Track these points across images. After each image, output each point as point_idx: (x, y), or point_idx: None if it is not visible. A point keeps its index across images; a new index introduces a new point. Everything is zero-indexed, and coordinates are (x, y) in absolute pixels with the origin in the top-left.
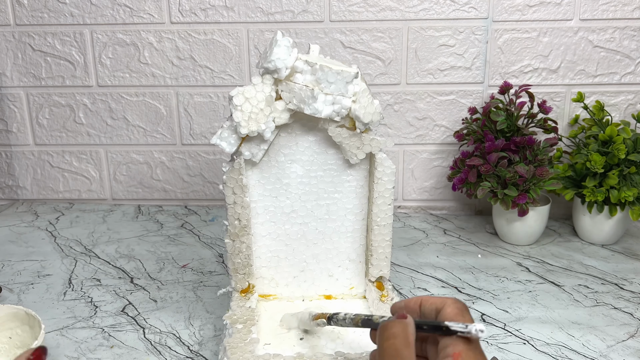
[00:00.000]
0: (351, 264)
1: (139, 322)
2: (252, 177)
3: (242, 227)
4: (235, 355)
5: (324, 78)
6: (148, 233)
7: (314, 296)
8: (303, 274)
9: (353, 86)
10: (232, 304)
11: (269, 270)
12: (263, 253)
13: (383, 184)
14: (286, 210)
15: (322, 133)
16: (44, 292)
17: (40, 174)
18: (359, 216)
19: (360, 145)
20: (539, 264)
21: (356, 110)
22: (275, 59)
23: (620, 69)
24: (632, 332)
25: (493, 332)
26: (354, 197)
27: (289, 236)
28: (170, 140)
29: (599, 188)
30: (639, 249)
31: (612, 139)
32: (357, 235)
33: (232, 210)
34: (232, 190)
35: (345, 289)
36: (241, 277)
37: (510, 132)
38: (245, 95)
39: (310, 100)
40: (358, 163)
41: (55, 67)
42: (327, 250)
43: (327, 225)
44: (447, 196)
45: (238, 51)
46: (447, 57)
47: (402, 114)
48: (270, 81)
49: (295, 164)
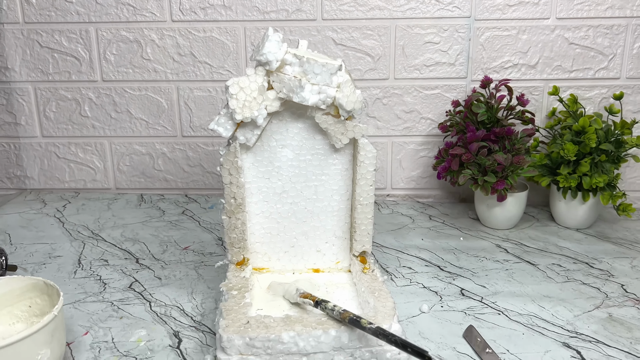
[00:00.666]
0: (337, 240)
1: (145, 296)
2: (247, 160)
3: (237, 205)
4: (230, 316)
5: (311, 70)
6: (151, 219)
7: (303, 269)
8: (293, 249)
9: (337, 77)
10: (229, 274)
11: (262, 246)
12: (257, 230)
13: (365, 167)
14: (278, 190)
15: (310, 120)
16: (55, 271)
17: (47, 165)
18: (344, 196)
19: (344, 131)
20: (517, 245)
21: (339, 99)
22: (267, 53)
23: (594, 64)
24: (597, 304)
25: (470, 305)
26: (339, 179)
27: (281, 214)
28: (171, 132)
29: (572, 175)
30: (610, 232)
31: (585, 129)
32: (342, 214)
33: (228, 190)
34: (229, 172)
35: (332, 263)
36: (237, 251)
37: (491, 123)
38: (240, 85)
39: (298, 90)
40: (343, 148)
41: (62, 62)
42: (315, 227)
43: (315, 205)
44: (433, 185)
45: (235, 48)
46: (432, 53)
47: (391, 107)
48: (263, 72)
49: (286, 149)
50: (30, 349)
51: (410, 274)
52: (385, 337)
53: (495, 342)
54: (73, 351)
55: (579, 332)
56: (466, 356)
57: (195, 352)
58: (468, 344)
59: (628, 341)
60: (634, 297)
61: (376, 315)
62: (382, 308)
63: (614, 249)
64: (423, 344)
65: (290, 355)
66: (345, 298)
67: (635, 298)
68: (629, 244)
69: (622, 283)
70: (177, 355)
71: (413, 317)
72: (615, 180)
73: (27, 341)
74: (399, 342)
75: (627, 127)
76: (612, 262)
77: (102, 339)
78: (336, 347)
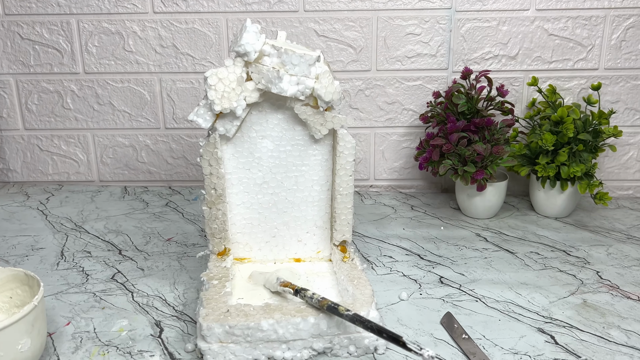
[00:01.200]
0: (318, 230)
1: (128, 287)
2: (227, 151)
3: (218, 195)
4: (210, 305)
5: (289, 60)
6: (134, 211)
7: (285, 259)
8: (274, 239)
9: (315, 68)
10: (209, 264)
11: (244, 236)
12: (238, 220)
13: (344, 157)
14: (258, 181)
15: (289, 111)
16: (38, 263)
17: (30, 157)
18: (325, 187)
19: (323, 122)
20: (496, 234)
21: (318, 89)
22: (245, 44)
23: (573, 55)
24: (573, 290)
25: (449, 292)
26: (319, 170)
27: (262, 205)
28: (154, 125)
29: (550, 164)
30: (588, 221)
31: (563, 119)
32: (322, 204)
33: (208, 181)
34: (209, 162)
35: (313, 253)
36: (217, 241)
37: (471, 114)
38: (219, 76)
39: (277, 81)
40: (322, 138)
41: (43, 55)
42: (296, 217)
43: (296, 195)
44: (415, 175)
45: (218, 39)
46: (414, 45)
47: (373, 98)
48: (241, 63)
49: (266, 140)
50: (11, 339)
51: (390, 262)
52: (361, 323)
53: (472, 328)
54: (55, 341)
55: (554, 318)
56: (443, 342)
57: (177, 340)
58: (445, 330)
59: (601, 326)
60: (609, 284)
61: (354, 303)
62: (360, 295)
63: (591, 237)
64: (401, 331)
65: (269, 342)
66: (325, 286)
67: (609, 284)
68: (605, 232)
69: (598, 270)
70: (158, 344)
71: (392, 304)
72: (593, 170)
73: (7, 331)
74: (375, 328)
75: (604, 117)
76: (588, 250)
77: (84, 329)
78: (315, 334)
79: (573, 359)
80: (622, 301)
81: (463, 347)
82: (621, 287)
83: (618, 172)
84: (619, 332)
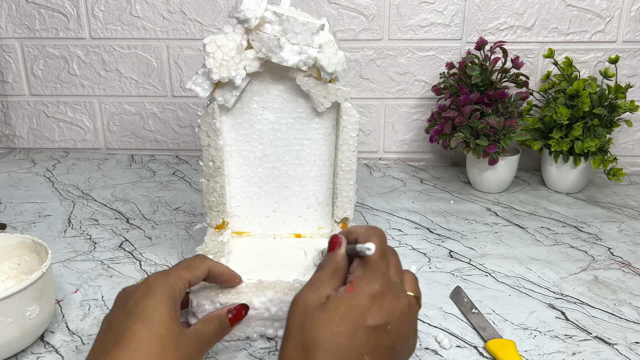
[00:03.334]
0: (319, 206)
1: (136, 255)
2: (226, 122)
3: (215, 168)
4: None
5: (291, 28)
6: (141, 180)
7: (285, 234)
8: (274, 214)
9: (319, 37)
10: (206, 238)
11: (243, 210)
12: (237, 194)
13: (348, 132)
14: (258, 154)
15: (292, 82)
16: (45, 230)
17: (36, 124)
18: (327, 162)
19: (326, 94)
20: (507, 209)
21: (321, 60)
22: (245, 9)
23: (591, 27)
24: (584, 266)
25: (458, 266)
26: (322, 144)
27: (262, 179)
28: (161, 92)
29: (564, 139)
30: (599, 197)
31: (579, 93)
32: (324, 180)
33: (206, 152)
34: (207, 134)
35: (314, 229)
36: (215, 214)
37: (484, 86)
38: (217, 44)
39: (277, 50)
40: (326, 112)
41: (48, 19)
42: (297, 193)
43: (297, 170)
44: (425, 148)
45: (226, 5)
46: (427, 13)
47: (384, 69)
48: (241, 30)
49: (267, 111)
50: (20, 305)
51: (399, 235)
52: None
53: (481, 302)
54: (63, 308)
55: (565, 294)
56: (452, 316)
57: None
58: (455, 304)
59: (612, 303)
60: (620, 260)
61: None
62: None
63: (602, 213)
64: None
65: (262, 320)
66: None
67: (621, 261)
68: (617, 208)
69: (609, 246)
70: None
71: None
72: (607, 145)
73: (16, 297)
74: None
75: (621, 91)
76: (600, 226)
77: (92, 296)
78: None
79: (584, 335)
80: (634, 278)
81: (473, 322)
82: (633, 264)
83: (632, 148)
84: (630, 309)
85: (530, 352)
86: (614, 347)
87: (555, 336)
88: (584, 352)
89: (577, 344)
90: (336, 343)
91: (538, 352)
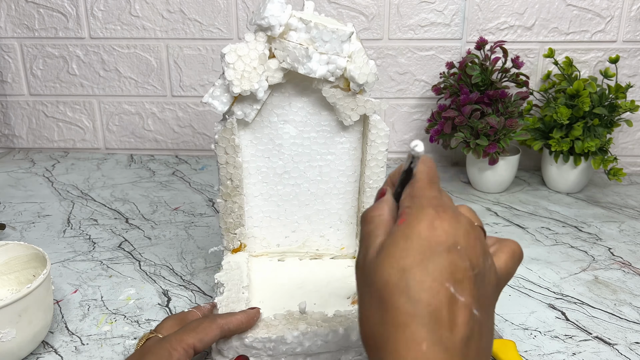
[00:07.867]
0: (342, 225)
1: (135, 256)
2: (245, 137)
3: (234, 187)
4: None
5: (319, 36)
6: (141, 180)
7: (305, 256)
8: (295, 234)
9: (348, 45)
10: (223, 263)
11: (261, 230)
12: (255, 213)
13: (376, 147)
14: (278, 171)
15: (316, 94)
16: (44, 230)
17: (36, 124)
18: (352, 178)
19: (354, 106)
20: (507, 209)
21: (351, 70)
22: (269, 16)
23: (591, 27)
24: (584, 266)
25: None
26: (347, 159)
27: (281, 197)
28: (160, 92)
29: (565, 139)
30: (600, 197)
31: (579, 92)
32: (349, 197)
33: (224, 171)
34: (225, 150)
35: (336, 250)
36: (233, 237)
37: (485, 85)
38: (238, 53)
39: (305, 60)
40: (352, 125)
41: (48, 18)
42: (319, 211)
43: (320, 187)
44: (426, 149)
45: (226, 4)
46: (427, 13)
47: (384, 68)
48: (264, 39)
49: (288, 125)
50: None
51: None
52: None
53: None
54: (62, 309)
55: (565, 294)
56: None
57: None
58: None
59: (612, 303)
60: (620, 260)
61: None
62: None
63: (603, 213)
64: None
65: (294, 356)
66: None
67: (621, 261)
68: (618, 208)
69: (610, 246)
70: (166, 313)
71: None
72: (607, 145)
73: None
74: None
75: (621, 91)
76: (600, 226)
77: (91, 297)
78: (344, 346)
79: (584, 335)
80: (634, 278)
81: None
82: (633, 264)
83: (632, 148)
84: (631, 309)
85: (530, 352)
86: (614, 347)
87: (555, 336)
88: (584, 352)
89: (577, 344)
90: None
91: (538, 352)
